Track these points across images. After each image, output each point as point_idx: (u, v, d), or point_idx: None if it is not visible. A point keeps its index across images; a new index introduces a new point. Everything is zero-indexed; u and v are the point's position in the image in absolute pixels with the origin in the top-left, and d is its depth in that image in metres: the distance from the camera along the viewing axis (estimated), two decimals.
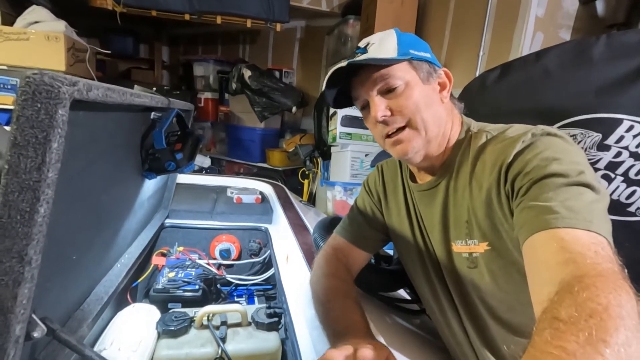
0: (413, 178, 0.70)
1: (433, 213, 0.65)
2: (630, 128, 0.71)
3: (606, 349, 0.28)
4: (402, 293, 0.93)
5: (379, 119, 0.59)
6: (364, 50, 0.61)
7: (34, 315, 0.42)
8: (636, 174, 0.72)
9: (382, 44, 0.60)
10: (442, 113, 0.62)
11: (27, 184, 0.34)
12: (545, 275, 0.40)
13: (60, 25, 2.02)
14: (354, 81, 0.63)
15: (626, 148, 0.71)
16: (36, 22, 1.98)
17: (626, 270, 0.37)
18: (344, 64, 0.59)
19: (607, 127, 0.72)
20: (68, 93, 0.35)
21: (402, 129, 0.60)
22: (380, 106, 0.59)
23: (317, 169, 2.67)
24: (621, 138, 0.71)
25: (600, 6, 1.55)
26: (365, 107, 0.64)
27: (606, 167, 0.72)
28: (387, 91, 0.60)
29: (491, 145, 0.57)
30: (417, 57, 0.61)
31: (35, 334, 0.42)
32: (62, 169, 0.38)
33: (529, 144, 0.52)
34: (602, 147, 0.72)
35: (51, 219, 0.38)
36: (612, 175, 0.73)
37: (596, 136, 0.73)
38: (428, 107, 0.59)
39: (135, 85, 0.72)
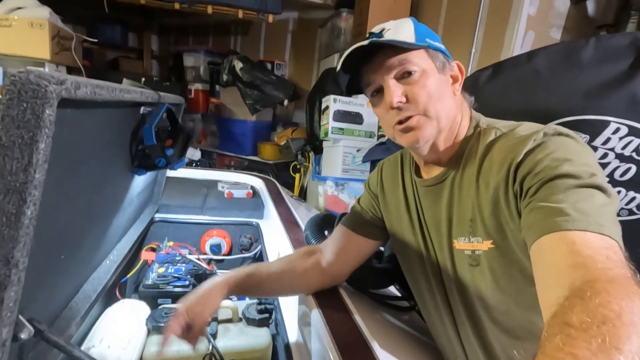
0: (418, 173, 0.70)
1: (438, 209, 0.64)
2: (617, 130, 0.72)
3: (619, 355, 0.27)
4: (392, 289, 0.94)
5: (394, 105, 0.57)
6: (379, 35, 0.59)
7: (21, 317, 0.42)
8: (621, 175, 0.73)
9: (398, 30, 0.59)
10: (453, 106, 0.61)
11: (13, 185, 0.33)
12: (555, 279, 0.39)
13: (45, 11, 1.95)
14: (367, 66, 0.60)
15: (612, 150, 0.73)
16: (19, 8, 1.92)
17: (639, 275, 0.36)
18: (365, 42, 0.56)
19: (594, 129, 0.73)
20: (55, 92, 0.34)
21: (413, 115, 0.58)
22: (396, 92, 0.57)
23: (309, 163, 2.67)
24: (607, 140, 0.73)
25: (590, 6, 1.57)
26: (377, 94, 0.62)
27: None
28: (403, 77, 0.58)
29: (500, 143, 0.56)
30: (433, 47, 0.60)
31: (23, 336, 0.42)
32: (50, 169, 0.37)
33: (540, 143, 0.51)
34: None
35: (38, 219, 0.37)
36: None
37: (584, 137, 0.74)
38: (441, 98, 0.59)
39: (124, 79, 0.70)
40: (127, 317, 0.84)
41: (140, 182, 0.99)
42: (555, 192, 0.45)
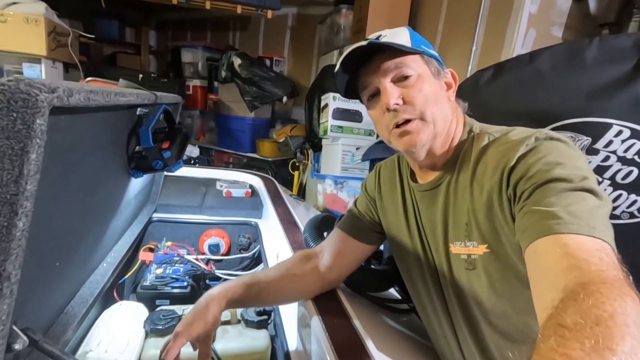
0: (414, 178, 0.70)
1: (434, 213, 0.64)
2: (619, 133, 0.72)
3: (612, 356, 0.28)
4: (391, 291, 0.93)
5: (390, 107, 0.58)
6: (377, 40, 0.59)
7: (14, 327, 0.41)
8: (623, 178, 0.73)
9: (394, 36, 0.60)
10: (448, 111, 0.62)
11: (4, 197, 0.32)
12: (549, 282, 0.39)
13: (40, 6, 1.93)
14: (364, 69, 0.61)
15: (614, 152, 0.72)
16: (14, 3, 1.89)
17: (631, 277, 0.37)
18: (364, 43, 0.57)
19: (596, 131, 0.72)
20: (47, 101, 0.33)
21: (410, 120, 0.59)
22: (393, 94, 0.58)
23: (308, 160, 2.66)
24: (610, 142, 0.72)
25: (592, 5, 1.55)
26: (373, 97, 0.62)
27: (594, 171, 0.73)
28: (399, 81, 0.59)
29: (493, 148, 0.56)
30: (428, 53, 0.61)
31: (17, 347, 0.41)
32: (43, 177, 0.36)
33: (532, 147, 0.51)
34: (591, 150, 0.73)
35: (31, 229, 0.36)
36: (600, 179, 0.74)
37: (586, 140, 0.74)
38: (437, 102, 0.59)
39: (121, 80, 0.69)
40: (125, 319, 0.83)
41: (137, 183, 0.98)
42: (547, 196, 0.45)
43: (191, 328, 0.64)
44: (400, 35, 0.60)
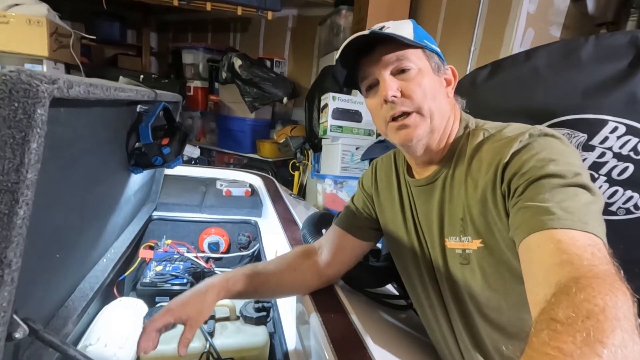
0: (410, 173, 0.70)
1: (430, 208, 0.65)
2: (615, 129, 0.72)
3: (603, 349, 0.28)
4: (389, 287, 0.94)
5: (389, 98, 0.58)
6: (380, 31, 0.60)
7: (15, 316, 0.42)
8: (618, 175, 0.73)
9: (398, 28, 0.60)
10: (447, 107, 0.62)
11: (5, 185, 0.33)
12: (542, 277, 0.40)
13: (43, 8, 1.95)
14: (364, 60, 0.61)
15: (610, 149, 0.73)
16: (16, 5, 1.91)
17: (622, 271, 0.37)
18: (366, 32, 0.57)
19: (592, 128, 0.73)
20: (47, 91, 0.34)
21: (408, 114, 0.59)
22: (391, 85, 0.58)
23: (308, 160, 2.66)
24: (605, 139, 0.72)
25: (590, 4, 1.56)
26: (372, 88, 0.63)
27: (590, 167, 0.73)
28: (399, 73, 0.59)
29: (488, 144, 0.57)
30: (430, 48, 0.61)
31: (17, 335, 0.42)
32: (43, 168, 0.37)
33: (526, 144, 0.52)
34: (587, 147, 0.74)
35: (32, 219, 0.37)
36: (596, 175, 0.74)
37: (582, 136, 0.74)
38: (435, 97, 0.60)
39: (121, 77, 0.70)
40: (125, 315, 0.84)
41: (137, 180, 0.99)
42: (541, 192, 0.46)
43: (184, 309, 0.63)
44: (404, 28, 0.60)
